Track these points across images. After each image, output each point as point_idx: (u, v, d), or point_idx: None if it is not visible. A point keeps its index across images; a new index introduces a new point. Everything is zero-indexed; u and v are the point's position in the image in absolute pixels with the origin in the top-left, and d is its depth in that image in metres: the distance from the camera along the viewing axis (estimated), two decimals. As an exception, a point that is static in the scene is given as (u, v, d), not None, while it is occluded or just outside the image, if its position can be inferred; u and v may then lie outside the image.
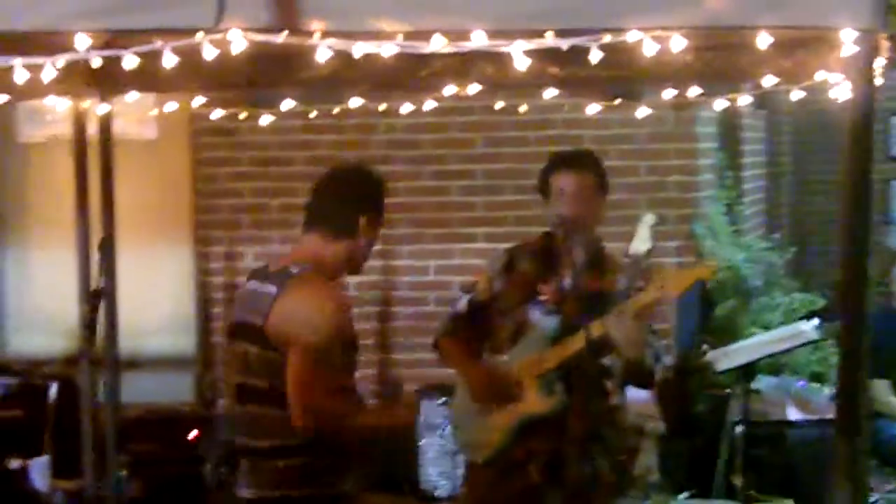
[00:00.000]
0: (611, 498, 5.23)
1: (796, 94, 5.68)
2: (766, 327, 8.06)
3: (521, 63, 3.94)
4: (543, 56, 3.95)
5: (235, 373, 4.54)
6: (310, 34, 4.01)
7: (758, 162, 10.77)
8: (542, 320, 5.14)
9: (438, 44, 3.96)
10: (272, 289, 4.41)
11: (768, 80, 5.48)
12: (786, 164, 12.25)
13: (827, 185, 12.35)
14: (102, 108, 6.15)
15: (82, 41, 3.96)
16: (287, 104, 6.56)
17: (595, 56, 3.87)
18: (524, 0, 3.94)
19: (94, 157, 6.45)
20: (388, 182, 4.79)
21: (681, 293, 4.99)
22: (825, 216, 12.34)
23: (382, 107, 7.06)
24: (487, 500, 5.23)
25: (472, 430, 5.28)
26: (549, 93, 6.05)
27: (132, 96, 6.18)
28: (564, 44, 3.86)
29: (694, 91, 6.04)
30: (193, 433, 7.33)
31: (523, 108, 7.09)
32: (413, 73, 5.90)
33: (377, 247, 8.20)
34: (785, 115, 12.01)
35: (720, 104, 6.31)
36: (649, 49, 3.84)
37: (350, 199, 4.57)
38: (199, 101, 6.45)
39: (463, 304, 5.36)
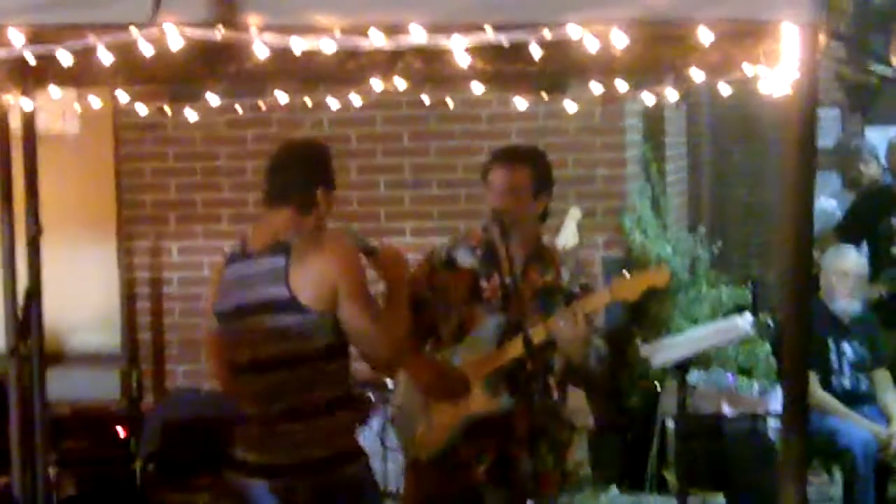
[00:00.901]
0: (555, 493, 5.22)
1: (724, 88, 5.69)
2: (695, 320, 8.11)
3: (461, 58, 3.92)
4: (471, 50, 3.94)
5: (251, 348, 4.61)
6: (246, 29, 3.97)
7: (679, 154, 10.84)
8: (486, 318, 5.12)
9: (377, 39, 3.94)
10: (279, 259, 4.54)
11: (695, 74, 5.49)
12: (705, 156, 12.33)
13: (746, 178, 12.47)
14: (26, 104, 6.06)
15: (15, 36, 3.90)
16: (212, 99, 6.50)
17: (535, 51, 3.86)
18: (462, -6, 3.92)
19: (18, 152, 6.36)
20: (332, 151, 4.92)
21: (634, 299, 5.00)
22: (745, 208, 12.46)
23: (309, 102, 7.02)
24: (432, 499, 5.21)
25: (416, 427, 5.24)
26: (478, 87, 6.04)
27: (55, 91, 6.10)
28: (504, 39, 3.85)
29: (621, 84, 6.06)
30: (122, 431, 7.26)
31: (451, 103, 7.08)
32: (341, 67, 5.86)
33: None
34: (704, 107, 12.09)
35: (649, 98, 6.33)
36: (590, 44, 3.83)
37: (306, 173, 4.73)
38: (122, 96, 6.39)
39: None
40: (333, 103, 6.62)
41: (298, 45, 3.95)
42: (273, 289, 4.54)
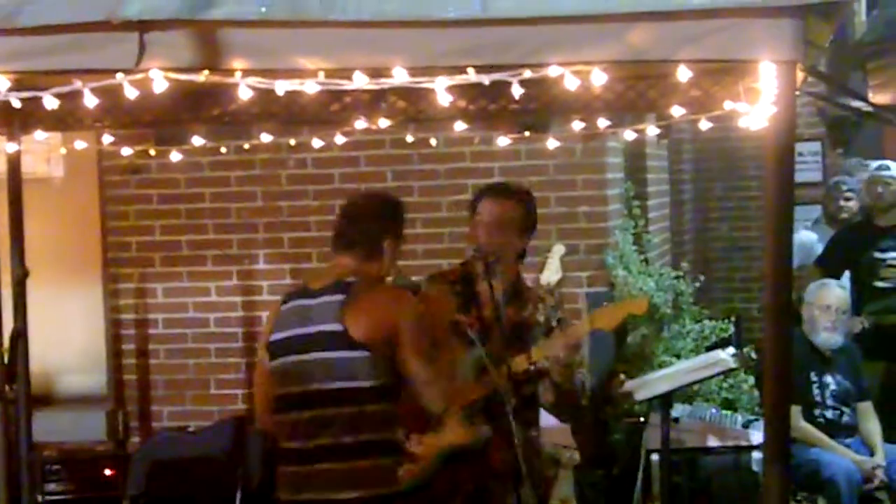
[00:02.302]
0: None
1: (705, 124, 5.76)
2: (678, 355, 8.15)
3: (444, 98, 3.97)
4: (453, 89, 3.98)
5: (297, 383, 4.76)
6: (231, 72, 4.02)
7: (661, 191, 10.89)
8: (464, 351, 5.16)
9: (361, 81, 3.98)
10: (337, 297, 4.72)
11: (676, 111, 5.55)
12: (687, 192, 12.40)
13: (728, 213, 12.54)
14: (11, 147, 6.10)
15: (1, 82, 3.94)
16: (197, 141, 6.55)
17: (517, 91, 3.91)
18: (444, 37, 3.95)
19: (3, 194, 6.39)
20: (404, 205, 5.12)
21: (614, 328, 5.05)
22: (727, 243, 12.52)
23: (293, 141, 7.07)
24: None
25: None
26: (460, 126, 6.10)
27: (40, 134, 6.15)
28: (486, 79, 3.90)
29: (603, 122, 6.12)
30: (108, 471, 7.26)
31: (434, 142, 7.14)
32: (325, 108, 5.93)
33: (288, 280, 8.35)
34: (685, 143, 12.17)
35: (630, 135, 6.40)
36: (570, 83, 3.88)
37: (376, 224, 4.91)
38: (107, 139, 6.44)
39: None
40: (317, 143, 6.68)
41: (282, 87, 3.99)
42: (328, 324, 4.70)
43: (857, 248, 8.66)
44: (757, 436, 7.25)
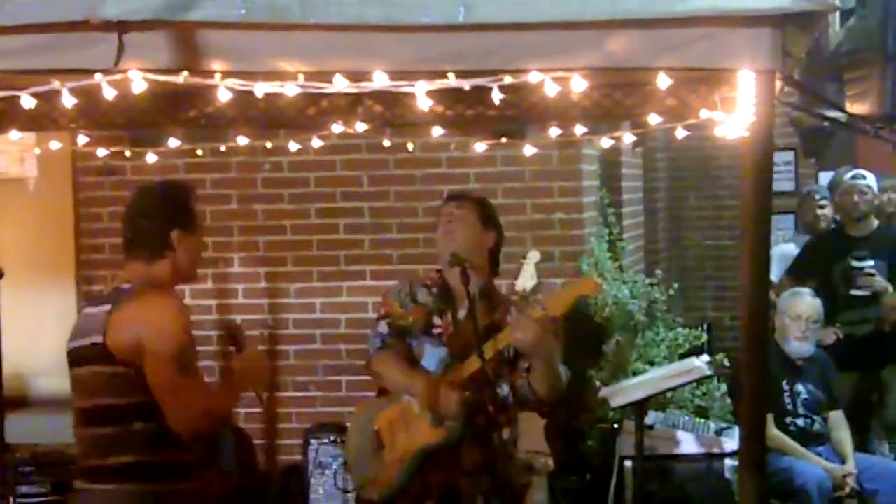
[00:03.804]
0: None
1: (681, 133, 5.77)
2: (651, 362, 8.17)
3: (423, 102, 3.97)
4: (431, 94, 3.99)
5: (80, 397, 4.46)
6: (210, 74, 4.01)
7: (636, 199, 10.92)
8: (431, 351, 5.25)
9: (341, 84, 3.98)
10: (106, 307, 4.37)
11: (652, 119, 5.57)
12: (661, 200, 12.44)
13: (701, 222, 12.59)
14: (-15, 147, 6.09)
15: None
16: (173, 143, 6.54)
17: (496, 97, 3.91)
18: (425, 43, 3.96)
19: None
20: (194, 191, 4.71)
21: (565, 311, 5.06)
22: (700, 251, 12.57)
23: (269, 145, 7.06)
24: None
25: (368, 467, 5.31)
26: (437, 131, 6.10)
27: (15, 134, 6.12)
28: (466, 85, 3.90)
29: (579, 129, 6.14)
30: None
31: (411, 147, 7.13)
32: (301, 112, 5.92)
33: (263, 284, 8.34)
34: (660, 152, 12.21)
35: (606, 142, 6.41)
36: (550, 90, 3.89)
37: (157, 217, 4.51)
38: (82, 140, 6.41)
39: (384, 326, 5.43)
40: (293, 147, 6.67)
41: (262, 89, 3.98)
42: (95, 336, 4.34)
43: (830, 257, 8.68)
44: (729, 443, 7.28)
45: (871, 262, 8.47)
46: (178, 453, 4.40)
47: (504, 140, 6.53)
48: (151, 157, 6.83)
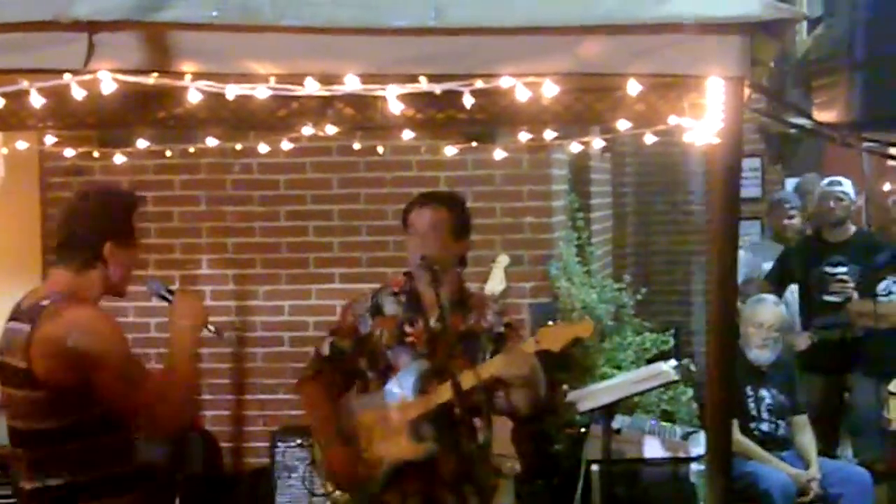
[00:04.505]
0: None
1: (650, 138, 5.80)
2: (619, 367, 8.20)
3: (394, 105, 3.98)
4: (402, 98, 3.99)
5: (11, 416, 4.29)
6: (181, 75, 4.00)
7: (604, 203, 10.96)
8: (410, 364, 5.16)
9: (312, 87, 3.98)
10: (25, 327, 4.16)
11: (622, 124, 5.59)
12: (629, 205, 12.49)
13: (668, 226, 12.63)
14: (-48, 147, 6.06)
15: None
16: (142, 144, 6.52)
17: (468, 101, 3.92)
18: (396, 46, 3.96)
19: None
20: (137, 201, 4.51)
21: (560, 349, 5.04)
22: (667, 257, 12.61)
23: (239, 146, 7.06)
24: None
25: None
26: (407, 134, 6.11)
27: (-20, 135, 6.10)
28: (438, 88, 3.91)
29: (549, 134, 6.15)
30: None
31: (381, 150, 7.14)
32: (272, 113, 5.91)
33: (231, 286, 8.32)
34: (628, 157, 12.25)
35: (575, 147, 6.43)
36: (522, 95, 3.90)
37: (92, 227, 4.31)
38: (50, 140, 6.39)
39: (325, 346, 5.37)
40: (263, 148, 6.67)
41: (233, 91, 3.97)
42: (14, 357, 4.15)
43: (806, 263, 8.74)
44: (695, 448, 7.31)
45: (844, 269, 8.53)
46: (117, 467, 4.27)
47: (474, 144, 6.54)
48: (120, 158, 6.82)
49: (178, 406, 4.27)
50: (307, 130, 5.99)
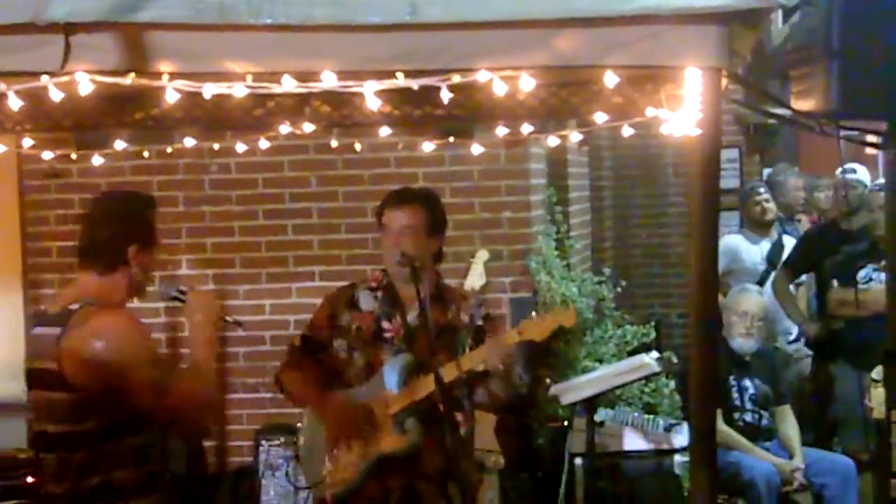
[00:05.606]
0: None
1: (627, 131, 5.80)
2: (600, 360, 8.20)
3: (371, 102, 3.97)
4: (379, 94, 3.99)
5: (40, 421, 4.37)
6: (158, 76, 3.99)
7: (582, 197, 10.96)
8: (391, 361, 5.17)
9: (289, 85, 3.98)
10: (54, 331, 4.26)
11: (599, 117, 5.59)
12: (608, 198, 12.49)
13: (647, 219, 12.64)
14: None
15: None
16: (119, 145, 6.50)
17: (445, 96, 3.92)
18: (372, 42, 3.96)
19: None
20: (154, 203, 4.72)
21: (542, 339, 5.04)
22: (646, 249, 12.62)
23: (216, 146, 7.04)
24: None
25: (323, 465, 5.28)
26: (385, 131, 6.10)
27: (-42, 138, 6.07)
28: (415, 84, 3.91)
29: (526, 128, 6.16)
30: (30, 479, 7.19)
31: (359, 147, 7.13)
32: (249, 112, 5.91)
33: (211, 286, 8.30)
34: (606, 150, 12.25)
35: (553, 140, 6.43)
36: (499, 89, 3.90)
37: (116, 231, 4.43)
38: (27, 142, 6.37)
39: (301, 338, 5.42)
40: (240, 148, 6.65)
41: (210, 90, 3.97)
42: (46, 360, 4.25)
43: (823, 251, 8.69)
44: (678, 439, 7.33)
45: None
46: (149, 466, 4.37)
47: (452, 140, 6.54)
48: (97, 160, 6.79)
49: (205, 401, 4.49)
50: (284, 129, 5.98)
